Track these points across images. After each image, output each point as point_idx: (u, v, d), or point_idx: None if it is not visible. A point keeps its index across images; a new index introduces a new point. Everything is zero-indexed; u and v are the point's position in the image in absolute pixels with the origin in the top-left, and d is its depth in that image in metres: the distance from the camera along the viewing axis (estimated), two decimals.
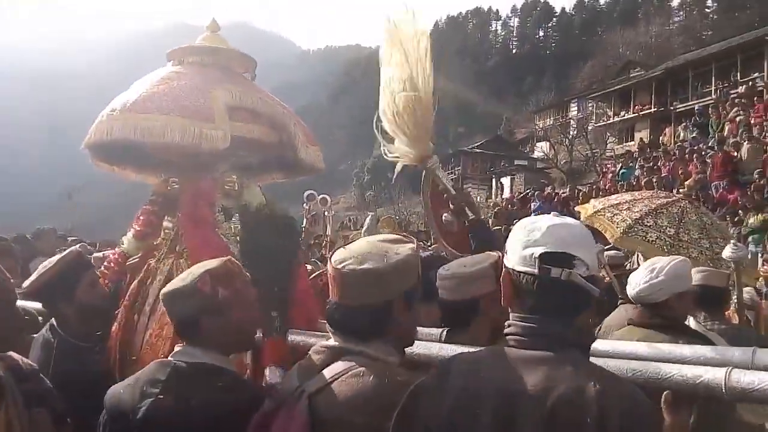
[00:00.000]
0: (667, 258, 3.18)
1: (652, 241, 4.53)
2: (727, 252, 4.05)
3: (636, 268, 3.98)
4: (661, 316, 2.97)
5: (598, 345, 2.09)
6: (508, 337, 1.61)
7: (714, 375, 1.68)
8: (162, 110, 3.00)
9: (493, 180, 43.19)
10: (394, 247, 1.96)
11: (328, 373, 1.86)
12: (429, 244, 9.40)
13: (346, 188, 73.38)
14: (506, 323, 1.65)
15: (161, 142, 3.00)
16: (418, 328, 2.22)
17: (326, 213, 10.96)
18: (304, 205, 13.31)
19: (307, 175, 4.05)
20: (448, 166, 55.89)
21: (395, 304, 1.92)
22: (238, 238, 3.22)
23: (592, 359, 1.74)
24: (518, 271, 1.60)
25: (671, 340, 2.70)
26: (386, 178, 64.92)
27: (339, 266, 1.89)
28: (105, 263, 3.46)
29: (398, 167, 3.66)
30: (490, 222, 12.84)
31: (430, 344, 2.22)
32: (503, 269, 1.68)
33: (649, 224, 4.65)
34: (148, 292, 3.15)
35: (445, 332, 2.37)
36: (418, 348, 2.17)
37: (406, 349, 2.06)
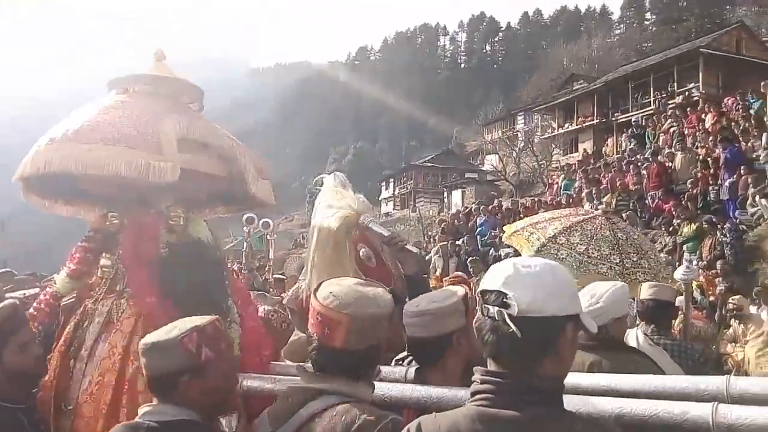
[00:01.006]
0: (607, 284, 3.29)
1: (563, 258, 4.59)
2: (679, 274, 4.17)
3: None
4: (600, 339, 3.05)
5: (577, 379, 2.15)
6: (476, 396, 1.54)
7: (701, 411, 1.69)
8: (107, 141, 2.82)
9: (445, 193, 43.55)
10: (377, 290, 2.07)
11: (304, 412, 1.89)
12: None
13: (299, 205, 73.01)
14: (473, 377, 1.59)
15: (105, 175, 2.82)
16: (383, 367, 2.29)
17: (268, 237, 10.87)
18: (244, 228, 13.25)
19: (256, 208, 3.95)
20: (400, 180, 56.29)
21: (382, 343, 2.01)
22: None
23: (576, 398, 1.81)
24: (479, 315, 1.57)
25: (616, 357, 2.93)
26: None
27: (345, 311, 1.90)
28: (35, 304, 3.17)
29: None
30: (437, 237, 12.93)
31: (402, 386, 2.23)
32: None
33: (561, 242, 4.75)
34: (84, 336, 2.94)
35: (413, 370, 2.36)
36: (392, 390, 2.19)
37: (377, 392, 2.09)
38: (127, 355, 2.78)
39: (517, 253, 5.53)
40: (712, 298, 9.52)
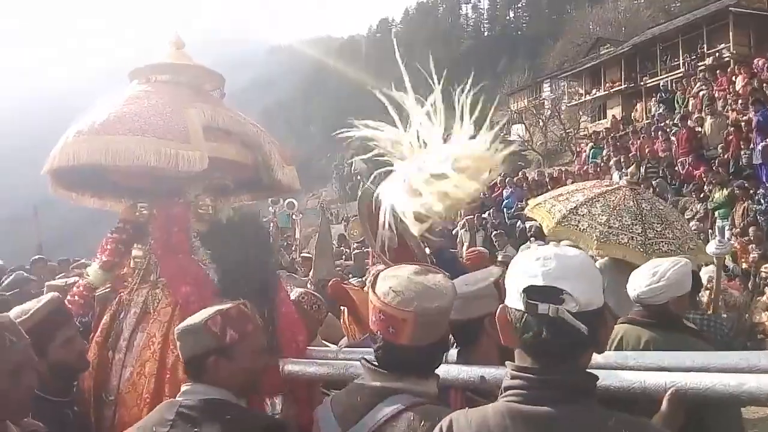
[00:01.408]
0: (669, 261, 3.25)
1: (584, 229, 4.60)
2: (711, 247, 4.12)
3: None
4: (660, 317, 3.06)
5: (628, 359, 2.15)
6: (508, 391, 1.50)
7: (758, 382, 1.71)
8: (134, 131, 2.83)
9: None
10: (437, 278, 1.99)
11: (377, 414, 1.83)
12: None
13: (326, 182, 73.13)
14: (506, 372, 1.55)
15: (135, 166, 2.83)
16: None
17: (294, 216, 10.91)
18: (270, 208, 13.32)
19: (282, 194, 3.95)
20: None
21: (448, 333, 2.02)
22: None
23: (628, 373, 1.79)
24: (511, 308, 1.51)
25: (670, 336, 2.91)
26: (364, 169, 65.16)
27: (409, 308, 1.83)
28: (69, 296, 3.19)
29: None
30: (463, 211, 12.88)
31: (447, 367, 2.23)
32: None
33: (582, 213, 4.72)
34: (122, 327, 2.98)
35: (455, 352, 2.38)
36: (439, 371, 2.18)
37: None
38: (167, 344, 2.82)
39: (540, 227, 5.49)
40: (745, 266, 9.36)
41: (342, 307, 3.94)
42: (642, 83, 33.27)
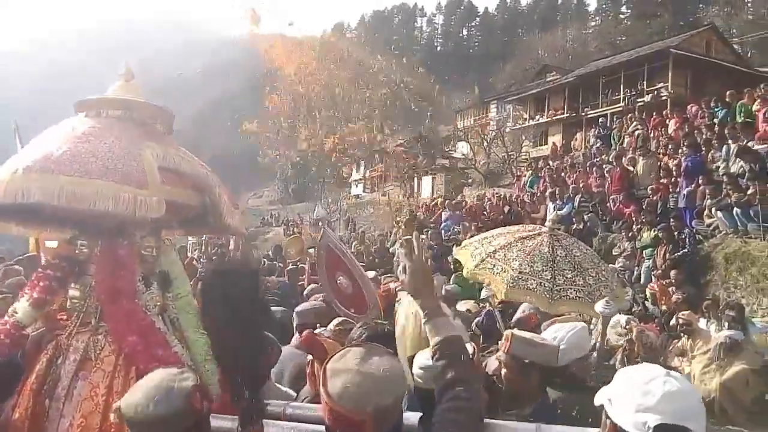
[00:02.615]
0: (567, 326, 3.42)
1: (497, 273, 4.76)
2: (599, 306, 4.26)
3: None
4: (564, 377, 3.22)
5: None
6: None
7: None
8: (91, 173, 2.70)
9: (415, 179, 43.62)
10: (384, 361, 1.98)
11: None
12: None
13: (269, 181, 72.31)
14: None
15: (90, 209, 2.69)
16: None
17: None
18: None
19: (228, 235, 3.84)
20: (371, 163, 56.14)
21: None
22: (159, 307, 3.04)
23: None
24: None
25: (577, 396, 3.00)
26: (310, 172, 64.63)
27: (366, 409, 1.82)
28: None
29: None
30: (401, 231, 12.99)
31: None
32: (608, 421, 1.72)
33: (498, 257, 4.88)
34: (60, 373, 2.83)
35: (416, 416, 2.37)
36: None
37: None
38: (110, 395, 2.68)
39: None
40: (664, 308, 9.71)
41: (309, 357, 3.92)
42: (583, 114, 34.28)
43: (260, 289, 2.84)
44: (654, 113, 19.66)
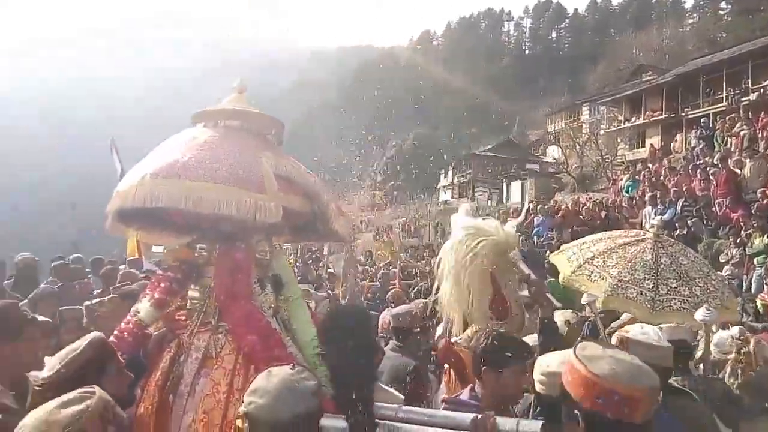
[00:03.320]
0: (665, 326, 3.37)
1: (594, 280, 4.54)
2: (699, 315, 4.09)
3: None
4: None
5: None
6: None
7: None
8: (216, 179, 2.82)
9: (504, 184, 43.03)
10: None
11: None
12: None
13: (358, 189, 73.39)
14: None
15: (214, 213, 2.81)
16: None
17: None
18: None
19: (335, 242, 3.96)
20: (459, 169, 55.94)
21: None
22: (272, 309, 3.14)
23: None
24: None
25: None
26: (398, 179, 65.15)
27: (644, 385, 1.92)
28: (117, 332, 3.06)
29: None
30: None
31: None
32: None
33: (597, 264, 4.63)
34: (182, 370, 2.94)
35: (538, 425, 2.41)
36: None
37: None
38: (231, 393, 2.80)
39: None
40: None
41: (445, 366, 4.03)
42: (683, 114, 32.80)
43: (371, 334, 3.06)
44: (762, 112, 18.55)
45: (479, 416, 2.41)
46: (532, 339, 3.51)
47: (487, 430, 2.33)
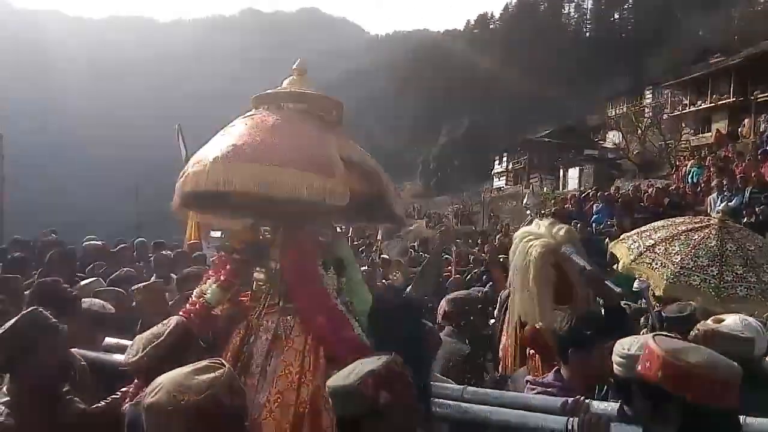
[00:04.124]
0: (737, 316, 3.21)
1: (655, 268, 4.46)
2: None
3: None
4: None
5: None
6: None
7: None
8: (287, 163, 2.86)
9: (561, 170, 42.15)
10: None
11: None
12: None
13: (411, 176, 73.43)
14: None
15: (286, 196, 2.84)
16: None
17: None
18: None
19: (390, 225, 4.03)
20: (514, 155, 55.09)
21: None
22: (335, 291, 3.18)
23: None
24: None
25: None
26: (452, 166, 64.84)
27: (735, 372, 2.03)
28: (182, 313, 3.10)
29: None
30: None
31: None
32: None
33: (658, 252, 4.56)
34: (252, 351, 2.99)
35: (615, 406, 2.56)
36: None
37: None
38: (303, 373, 2.87)
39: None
40: None
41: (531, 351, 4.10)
42: (752, 98, 31.32)
43: (420, 323, 3.16)
44: None
45: (569, 400, 2.52)
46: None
47: (583, 410, 2.44)
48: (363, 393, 2.07)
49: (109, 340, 3.61)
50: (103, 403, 3.00)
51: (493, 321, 5.72)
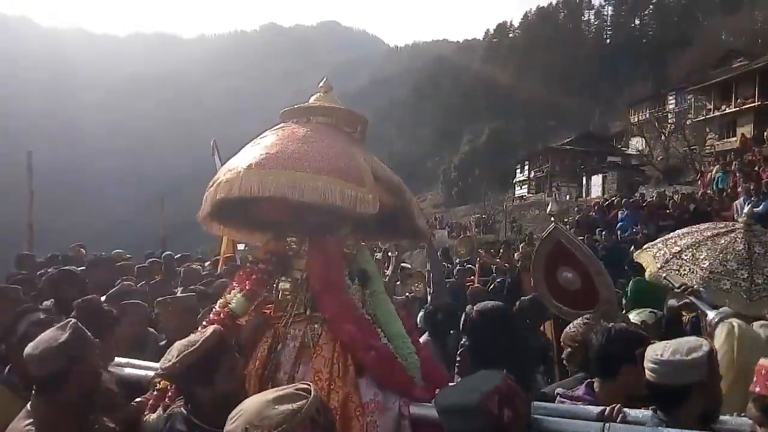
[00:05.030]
0: None
1: (684, 274, 4.34)
2: None
3: None
4: None
5: None
6: None
7: None
8: (320, 170, 2.90)
9: (584, 178, 41.83)
10: None
11: None
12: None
13: (432, 185, 73.41)
14: None
15: (319, 203, 2.88)
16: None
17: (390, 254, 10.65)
18: None
19: (412, 241, 4.06)
20: (536, 163, 54.82)
21: None
22: (360, 302, 3.22)
23: None
24: None
25: None
26: (473, 175, 64.65)
27: None
28: (206, 322, 3.11)
29: None
30: (572, 230, 12.49)
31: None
32: None
33: (685, 258, 4.46)
34: (280, 359, 3.02)
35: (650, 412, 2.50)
36: None
37: None
38: (331, 381, 2.90)
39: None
40: None
41: None
42: None
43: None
44: None
45: (606, 409, 2.48)
46: None
47: (619, 416, 2.42)
48: (489, 410, 2.03)
49: (119, 360, 3.58)
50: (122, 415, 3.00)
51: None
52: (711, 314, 3.58)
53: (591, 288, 3.81)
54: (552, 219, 5.23)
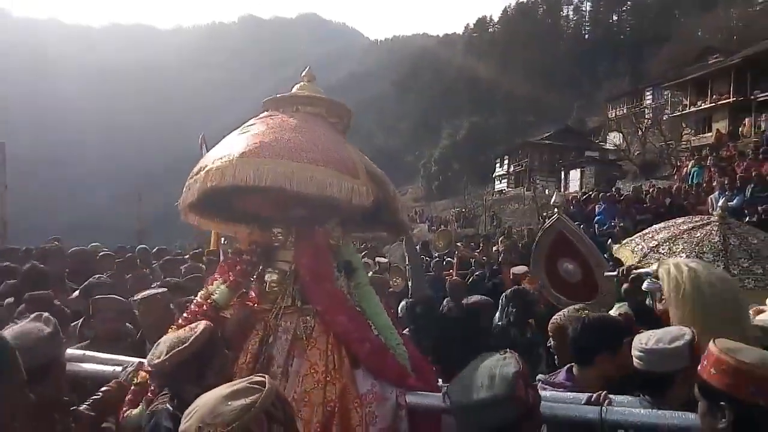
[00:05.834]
0: None
1: None
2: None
3: None
4: None
5: None
6: None
7: None
8: (316, 161, 2.87)
9: (562, 172, 42.12)
10: None
11: None
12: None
13: (412, 179, 73.41)
14: None
15: (315, 194, 2.84)
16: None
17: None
18: None
19: (395, 235, 4.05)
20: (515, 158, 55.09)
21: None
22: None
23: None
24: None
25: None
26: (453, 169, 64.75)
27: None
28: (186, 314, 3.07)
29: None
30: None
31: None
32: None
33: (663, 252, 4.60)
34: (272, 352, 2.97)
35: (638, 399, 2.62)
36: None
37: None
38: (327, 372, 2.88)
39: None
40: None
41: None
42: (752, 97, 31.29)
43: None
44: None
45: (593, 395, 2.59)
46: None
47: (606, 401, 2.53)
48: (519, 396, 2.01)
49: (72, 351, 3.42)
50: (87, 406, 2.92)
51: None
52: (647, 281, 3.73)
53: (591, 279, 3.86)
54: (555, 210, 5.27)
